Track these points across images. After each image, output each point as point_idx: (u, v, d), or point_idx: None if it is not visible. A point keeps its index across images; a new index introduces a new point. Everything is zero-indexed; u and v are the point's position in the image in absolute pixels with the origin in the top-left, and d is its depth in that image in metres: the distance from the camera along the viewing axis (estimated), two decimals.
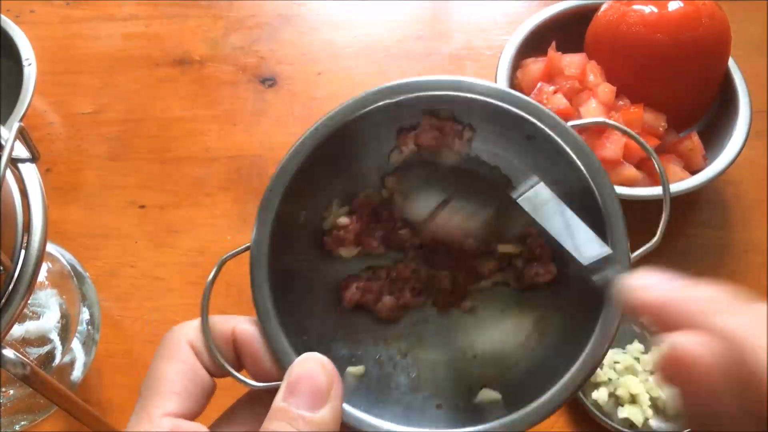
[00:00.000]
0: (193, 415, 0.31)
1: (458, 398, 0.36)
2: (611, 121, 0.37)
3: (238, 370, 0.33)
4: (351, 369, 0.36)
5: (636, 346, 0.55)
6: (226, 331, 0.33)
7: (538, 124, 0.35)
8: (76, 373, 0.54)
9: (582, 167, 0.34)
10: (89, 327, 0.56)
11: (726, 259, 0.61)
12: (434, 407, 0.35)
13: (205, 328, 0.32)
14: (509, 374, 0.36)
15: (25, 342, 0.53)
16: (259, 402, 0.32)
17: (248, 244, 0.34)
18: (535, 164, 0.36)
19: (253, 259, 0.34)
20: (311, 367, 0.31)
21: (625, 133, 0.37)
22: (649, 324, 0.27)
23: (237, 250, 0.34)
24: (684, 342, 0.25)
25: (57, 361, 0.54)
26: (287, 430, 0.29)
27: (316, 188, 0.37)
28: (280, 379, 0.31)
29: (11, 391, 0.53)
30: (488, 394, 0.35)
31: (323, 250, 0.39)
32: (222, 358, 0.32)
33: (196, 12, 0.78)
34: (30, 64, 0.63)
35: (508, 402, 0.33)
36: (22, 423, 0.53)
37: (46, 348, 0.54)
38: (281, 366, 0.32)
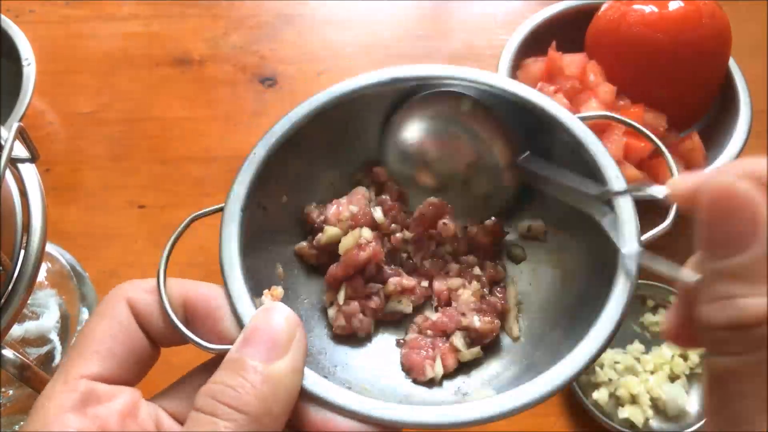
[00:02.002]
0: (118, 381, 0.28)
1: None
2: (615, 115, 0.38)
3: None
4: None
5: (636, 346, 0.54)
6: (177, 294, 0.30)
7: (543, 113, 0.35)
8: None
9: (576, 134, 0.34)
10: None
11: None
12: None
13: (161, 283, 0.29)
14: (503, 375, 0.34)
15: (24, 342, 0.53)
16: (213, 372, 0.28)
17: (222, 205, 0.33)
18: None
19: (225, 217, 0.32)
20: (271, 315, 0.28)
21: (629, 125, 0.37)
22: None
23: (210, 209, 0.33)
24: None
25: (57, 361, 0.54)
26: (233, 381, 0.26)
27: (302, 161, 0.36)
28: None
29: (11, 391, 0.52)
30: (481, 393, 0.32)
31: (304, 227, 0.37)
32: (177, 319, 0.29)
33: (196, 12, 0.78)
34: (29, 64, 0.63)
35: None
36: (22, 423, 0.53)
37: (46, 348, 0.54)
38: (243, 325, 0.29)
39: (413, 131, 0.37)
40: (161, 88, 0.73)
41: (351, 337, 0.34)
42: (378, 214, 0.35)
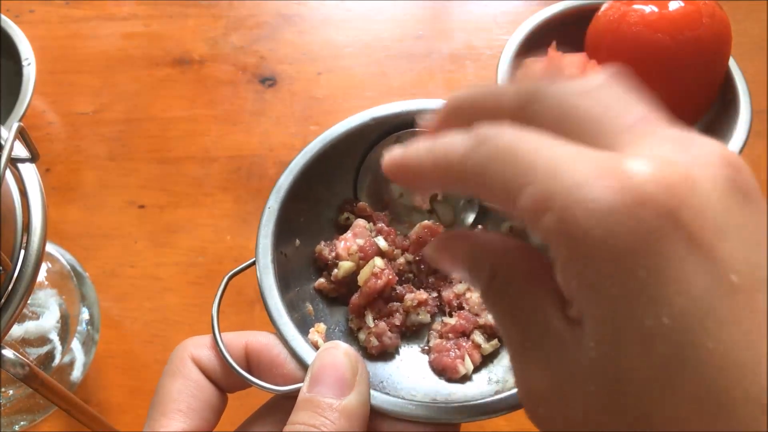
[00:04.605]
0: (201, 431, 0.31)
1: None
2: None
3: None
4: None
5: None
6: (237, 345, 0.33)
7: None
8: (76, 373, 0.54)
9: None
10: (89, 327, 0.56)
11: None
12: None
13: (219, 340, 0.32)
14: None
15: (24, 342, 0.53)
16: (279, 410, 0.32)
17: (253, 259, 0.36)
18: None
19: (260, 270, 0.35)
20: (333, 354, 0.31)
21: None
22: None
23: (243, 265, 0.36)
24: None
25: (57, 361, 0.54)
26: (314, 421, 0.28)
27: (309, 205, 0.40)
28: (303, 381, 0.31)
29: (11, 392, 0.53)
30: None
31: (317, 264, 0.41)
32: (244, 371, 0.32)
33: (196, 12, 0.78)
34: (30, 64, 0.63)
35: None
36: (22, 423, 0.53)
37: (46, 348, 0.54)
38: (304, 365, 0.32)
39: None
40: (161, 88, 0.73)
41: (381, 354, 0.38)
42: (382, 242, 0.39)
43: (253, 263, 0.36)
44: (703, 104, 0.63)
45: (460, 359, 0.37)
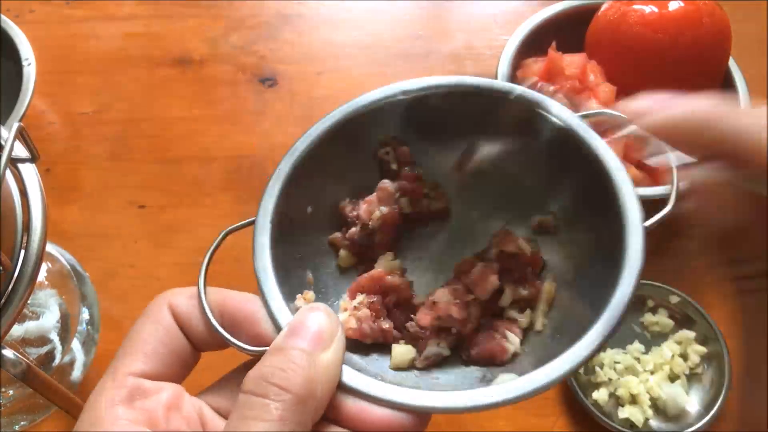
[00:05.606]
0: (162, 378, 0.30)
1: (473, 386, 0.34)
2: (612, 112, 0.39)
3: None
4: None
5: (636, 346, 0.55)
6: (214, 301, 0.32)
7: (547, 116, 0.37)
8: (76, 373, 0.54)
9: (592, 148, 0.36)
10: (89, 327, 0.56)
11: None
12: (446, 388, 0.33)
13: (202, 286, 0.31)
14: (523, 364, 0.34)
15: (24, 342, 0.53)
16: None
17: (253, 218, 0.35)
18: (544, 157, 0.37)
19: (256, 228, 0.34)
20: (315, 314, 0.30)
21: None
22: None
23: (242, 223, 0.35)
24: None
25: (57, 361, 0.54)
26: (285, 365, 0.27)
27: (324, 174, 0.38)
28: None
29: (11, 392, 0.53)
30: (504, 378, 0.32)
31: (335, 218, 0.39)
32: (216, 323, 0.31)
33: (196, 12, 0.78)
34: (30, 64, 0.63)
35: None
36: (22, 423, 0.53)
37: (46, 348, 0.54)
38: (279, 326, 0.31)
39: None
40: (161, 88, 0.73)
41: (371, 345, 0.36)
42: (405, 206, 0.38)
43: (253, 222, 0.35)
44: None
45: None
